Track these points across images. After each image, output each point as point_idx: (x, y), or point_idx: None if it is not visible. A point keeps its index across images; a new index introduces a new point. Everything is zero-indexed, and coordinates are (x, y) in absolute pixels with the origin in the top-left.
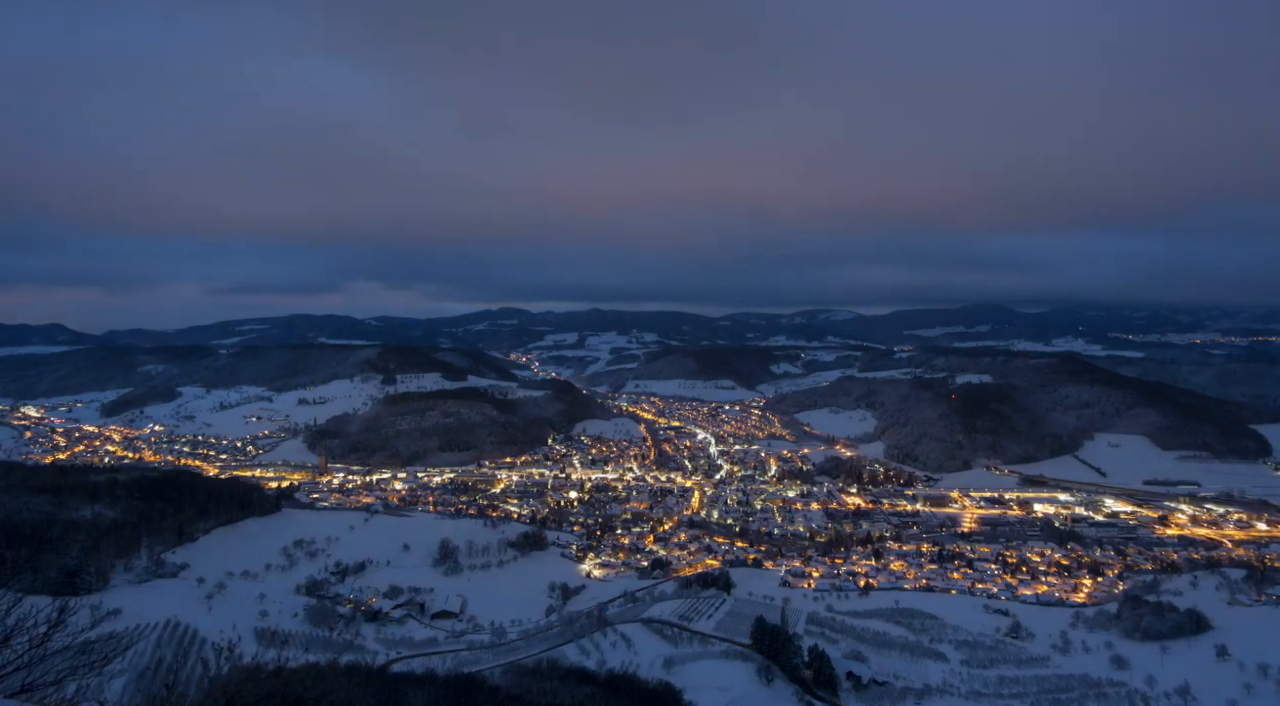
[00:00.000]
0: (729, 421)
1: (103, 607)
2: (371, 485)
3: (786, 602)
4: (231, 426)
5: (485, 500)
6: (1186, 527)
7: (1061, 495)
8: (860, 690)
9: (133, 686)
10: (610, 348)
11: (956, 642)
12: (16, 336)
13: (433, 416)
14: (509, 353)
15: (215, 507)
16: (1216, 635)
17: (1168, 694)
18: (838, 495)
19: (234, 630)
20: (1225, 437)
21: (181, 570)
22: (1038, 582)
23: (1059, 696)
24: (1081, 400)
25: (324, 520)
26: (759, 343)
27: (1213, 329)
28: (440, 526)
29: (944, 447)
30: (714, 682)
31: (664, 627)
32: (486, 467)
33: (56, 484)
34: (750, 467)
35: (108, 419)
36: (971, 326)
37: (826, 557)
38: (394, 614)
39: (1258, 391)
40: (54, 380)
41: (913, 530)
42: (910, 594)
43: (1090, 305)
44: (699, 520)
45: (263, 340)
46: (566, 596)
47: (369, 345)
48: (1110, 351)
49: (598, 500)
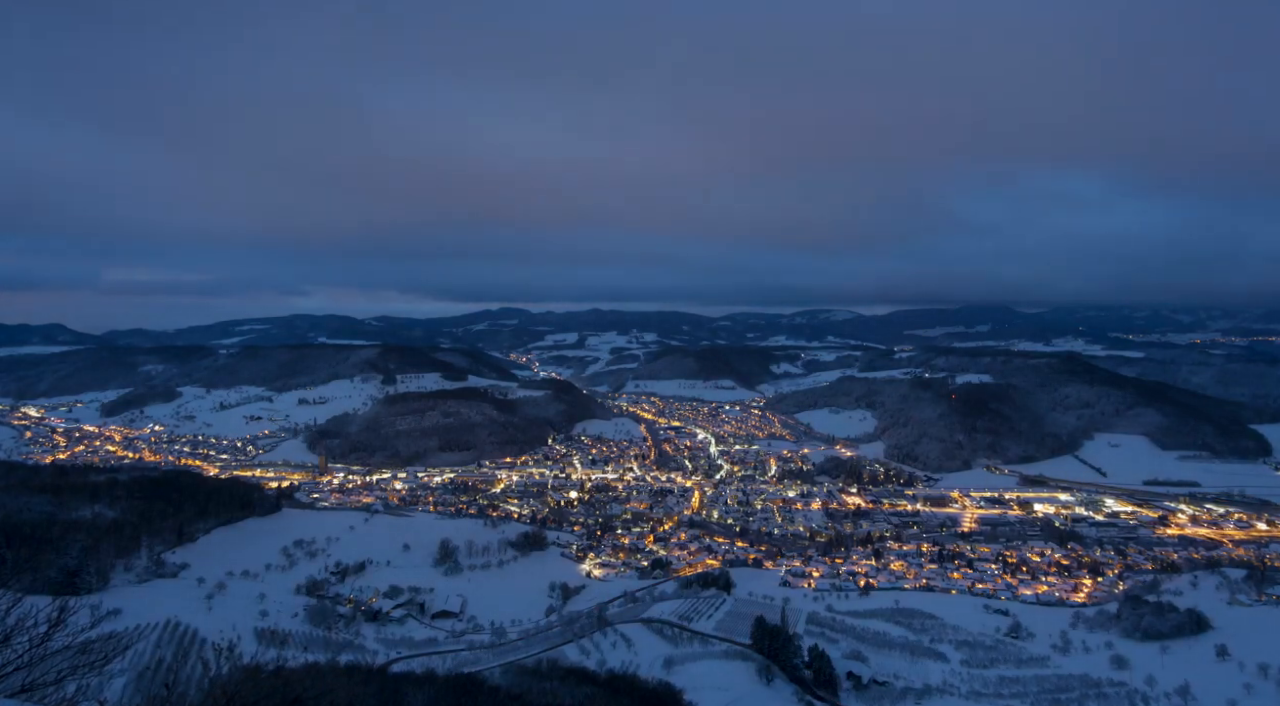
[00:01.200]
0: (729, 421)
1: (103, 607)
2: (371, 485)
3: (786, 602)
4: (231, 426)
5: (485, 500)
6: (1186, 527)
7: (1061, 495)
8: (860, 690)
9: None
10: (610, 348)
11: (956, 642)
12: (16, 336)
13: (433, 416)
14: (509, 353)
15: (215, 507)
16: (1217, 635)
17: (1168, 694)
18: (838, 495)
19: (234, 630)
20: (1225, 437)
21: (181, 570)
22: (1038, 582)
23: (1059, 696)
24: (1081, 400)
25: (324, 520)
26: (759, 343)
27: (1213, 329)
28: (440, 526)
29: (944, 447)
30: (714, 682)
31: (664, 627)
32: (486, 467)
33: (56, 484)
34: (750, 467)
35: (108, 419)
36: (971, 326)
37: (826, 557)
38: (394, 614)
39: (1258, 391)
40: (54, 380)
41: (913, 530)
42: (910, 594)
43: (1090, 305)
44: (699, 520)
45: (263, 340)
46: (566, 596)
47: (369, 345)
48: (1110, 351)
49: (598, 500)
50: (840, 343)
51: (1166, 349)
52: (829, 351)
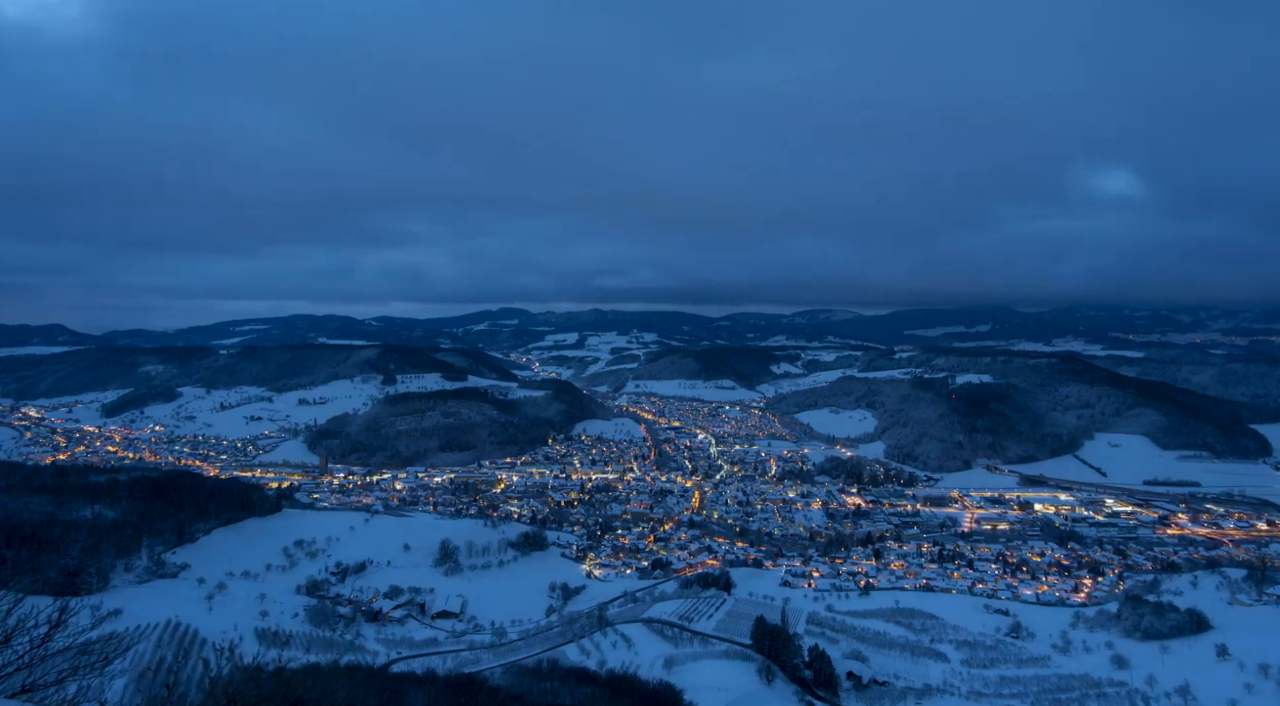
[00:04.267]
0: (729, 421)
1: (103, 608)
2: (372, 485)
3: (787, 602)
4: (231, 427)
5: (485, 500)
6: (1186, 527)
7: (1062, 495)
8: (860, 690)
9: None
10: (610, 348)
11: (957, 642)
12: (16, 336)
13: (433, 416)
14: (509, 353)
15: (215, 508)
16: (1217, 635)
17: (1168, 693)
18: (838, 495)
19: (234, 630)
20: (1225, 437)
21: (182, 570)
22: (1038, 582)
23: (1059, 696)
24: (1082, 400)
25: (324, 520)
26: (759, 343)
27: (1213, 329)
28: (440, 526)
29: (944, 447)
30: (714, 682)
31: (664, 627)
32: (487, 468)
33: (57, 484)
34: (750, 468)
35: (108, 419)
36: (971, 326)
37: (827, 557)
38: (394, 614)
39: (1258, 391)
40: (54, 380)
41: (913, 530)
42: (910, 594)
43: (1090, 305)
44: (699, 520)
45: (263, 340)
46: (567, 596)
47: (369, 345)
48: (1110, 351)
49: (598, 500)
50: (840, 342)
51: (1166, 349)
52: (829, 351)
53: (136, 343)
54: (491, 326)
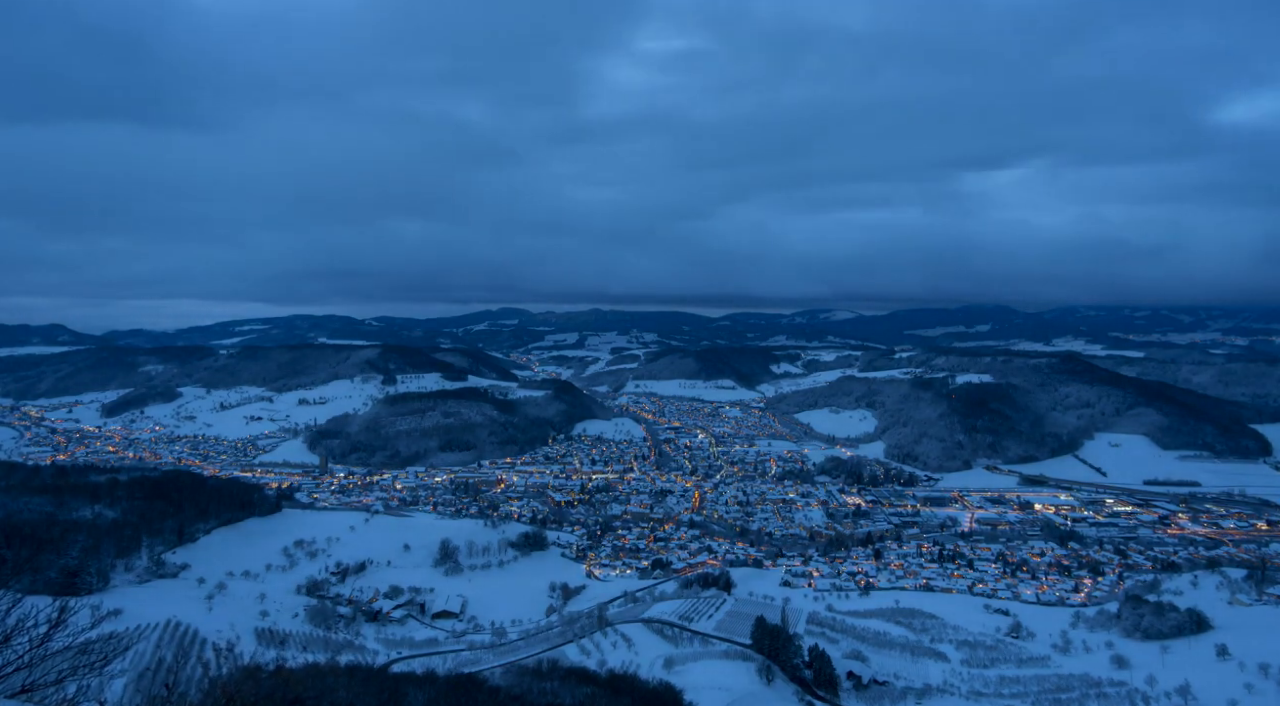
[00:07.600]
0: (729, 421)
1: (103, 608)
2: (372, 485)
3: (787, 602)
4: (232, 427)
5: (486, 500)
6: (1187, 527)
7: (1062, 495)
8: (861, 690)
9: (133, 686)
10: (610, 348)
11: (957, 642)
12: (17, 336)
13: (433, 416)
14: (509, 353)
15: (215, 508)
16: (1217, 634)
17: (1168, 693)
18: (838, 495)
19: (234, 630)
20: (1225, 437)
21: (182, 570)
22: (1038, 582)
23: (1059, 696)
24: (1082, 400)
25: (324, 520)
26: (759, 343)
27: (1213, 329)
28: (441, 526)
29: (944, 447)
30: (714, 682)
31: (664, 627)
32: (487, 468)
33: (57, 484)
34: (750, 468)
35: (108, 419)
36: (971, 326)
37: (827, 557)
38: (394, 614)
39: (1258, 391)
40: (54, 380)
41: (913, 530)
42: (910, 594)
43: (1090, 305)
44: (699, 520)
45: (263, 340)
46: (567, 596)
47: (369, 345)
48: (1110, 351)
49: (598, 500)
50: (840, 342)
51: (1167, 349)
52: (829, 351)
53: (136, 342)
54: (491, 326)
